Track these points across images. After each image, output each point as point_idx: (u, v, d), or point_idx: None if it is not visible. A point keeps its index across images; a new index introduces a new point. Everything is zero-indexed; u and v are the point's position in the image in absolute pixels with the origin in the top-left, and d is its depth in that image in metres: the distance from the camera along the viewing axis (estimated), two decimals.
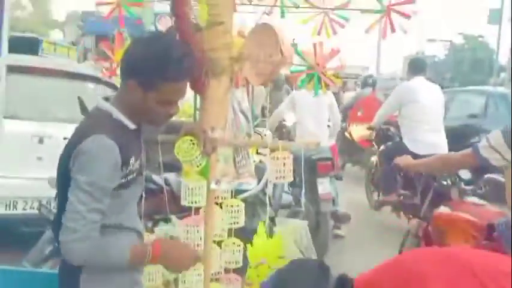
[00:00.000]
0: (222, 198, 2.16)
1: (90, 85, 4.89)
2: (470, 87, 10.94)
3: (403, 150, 4.56)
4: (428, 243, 3.25)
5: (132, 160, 1.64)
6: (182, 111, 6.20)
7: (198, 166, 1.82)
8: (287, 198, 4.72)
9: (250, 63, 1.87)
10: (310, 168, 4.23)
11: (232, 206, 2.12)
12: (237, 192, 2.28)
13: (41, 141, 4.35)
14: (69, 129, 4.02)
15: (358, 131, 7.35)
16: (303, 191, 2.75)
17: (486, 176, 3.66)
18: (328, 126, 5.24)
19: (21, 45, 4.89)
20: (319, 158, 4.56)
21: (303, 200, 3.27)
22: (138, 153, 1.70)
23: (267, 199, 2.29)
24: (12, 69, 2.55)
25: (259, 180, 3.13)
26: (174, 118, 1.77)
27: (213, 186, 1.87)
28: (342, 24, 2.02)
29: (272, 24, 1.89)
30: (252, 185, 1.97)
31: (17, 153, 4.19)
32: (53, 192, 3.68)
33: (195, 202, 1.95)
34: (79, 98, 3.79)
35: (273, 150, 1.87)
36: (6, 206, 4.25)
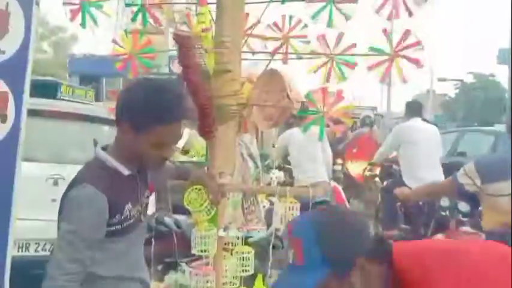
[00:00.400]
0: (232, 244, 2.11)
1: (106, 127, 4.95)
2: (480, 127, 10.96)
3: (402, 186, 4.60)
4: None
5: (128, 206, 1.60)
6: (195, 151, 6.24)
7: (207, 215, 1.80)
8: None
9: (258, 108, 1.89)
10: None
11: (242, 252, 2.07)
12: (248, 235, 2.25)
13: (55, 183, 4.37)
14: None
15: (354, 167, 7.74)
16: None
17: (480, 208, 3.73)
18: None
19: (41, 89, 5.00)
20: (316, 202, 4.40)
21: None
22: (135, 199, 1.66)
23: (279, 242, 2.25)
24: (29, 112, 2.61)
25: (271, 225, 3.09)
26: (186, 158, 1.77)
27: (221, 233, 1.84)
28: (352, 66, 2.04)
29: (279, 70, 1.92)
30: (261, 232, 1.93)
31: (32, 195, 4.21)
32: None
33: (205, 251, 1.92)
34: (94, 140, 3.84)
35: (282, 196, 1.85)
36: (18, 247, 4.25)
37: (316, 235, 1.13)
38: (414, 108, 5.63)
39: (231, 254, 2.11)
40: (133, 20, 2.36)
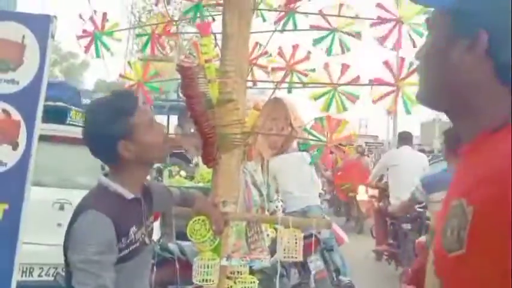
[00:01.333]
0: (237, 272, 2.07)
1: None
2: None
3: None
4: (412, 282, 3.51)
5: (132, 229, 1.60)
6: (200, 177, 6.21)
7: (210, 245, 1.79)
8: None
9: (263, 136, 1.90)
10: None
11: (245, 282, 2.03)
12: (251, 264, 2.21)
13: (62, 208, 4.37)
14: None
15: (341, 189, 9.90)
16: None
17: None
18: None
19: (50, 114, 5.05)
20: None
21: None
22: (139, 223, 1.66)
23: (283, 271, 2.22)
24: (38, 138, 2.66)
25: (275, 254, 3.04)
26: (192, 184, 1.78)
27: (223, 262, 1.82)
28: (353, 99, 2.06)
29: (283, 98, 1.93)
30: (264, 262, 1.88)
31: (38, 219, 4.20)
32: None
33: (207, 281, 1.88)
34: (102, 165, 3.84)
35: (286, 226, 1.83)
36: (22, 272, 4.21)
37: None
38: (404, 138, 6.63)
39: (235, 283, 2.07)
40: (143, 50, 2.40)
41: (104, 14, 2.59)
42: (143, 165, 1.68)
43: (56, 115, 5.24)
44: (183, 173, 5.86)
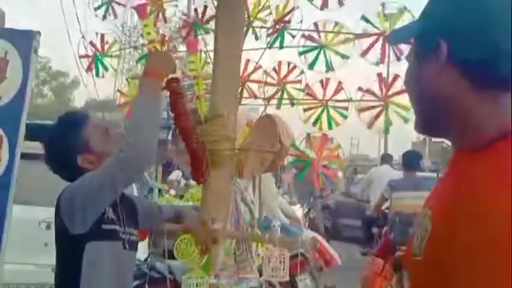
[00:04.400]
0: None
1: None
2: None
3: None
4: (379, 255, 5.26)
5: (108, 209, 1.62)
6: (190, 196, 6.16)
7: (199, 263, 1.73)
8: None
9: (254, 153, 1.86)
10: None
11: None
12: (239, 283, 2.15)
13: (48, 227, 4.27)
14: None
15: None
16: None
17: None
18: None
19: (38, 132, 4.98)
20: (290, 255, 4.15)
21: None
22: (114, 211, 1.68)
23: None
24: (25, 156, 2.60)
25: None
26: (182, 203, 1.75)
27: (211, 280, 1.75)
28: (338, 121, 2.01)
29: (274, 115, 1.89)
30: (253, 282, 1.81)
31: (24, 238, 4.10)
32: None
33: None
34: None
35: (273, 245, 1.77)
36: None
37: None
38: (384, 158, 8.92)
39: None
40: (138, 62, 2.40)
41: (103, 36, 2.65)
42: None
43: (43, 133, 5.18)
44: (172, 191, 5.80)
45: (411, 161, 5.59)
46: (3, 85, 2.31)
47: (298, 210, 6.50)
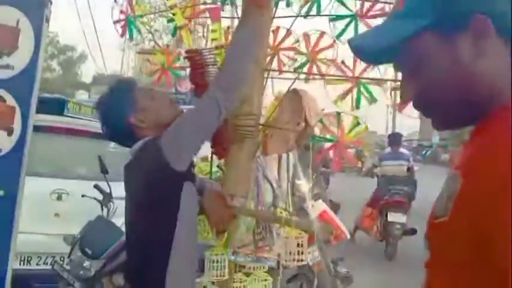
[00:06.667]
0: (252, 268, 1.89)
1: (110, 144, 4.84)
2: None
3: None
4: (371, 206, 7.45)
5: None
6: (198, 169, 6.09)
7: (221, 240, 1.66)
8: None
9: (278, 130, 1.76)
10: None
11: (259, 278, 1.84)
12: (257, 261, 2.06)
13: (59, 198, 4.25)
14: (87, 187, 3.94)
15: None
16: None
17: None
18: None
19: (48, 106, 4.91)
20: None
21: None
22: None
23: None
24: (35, 128, 2.55)
25: None
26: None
27: (230, 257, 1.69)
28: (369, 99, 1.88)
29: (302, 91, 1.78)
30: (270, 262, 1.74)
31: (35, 209, 4.08)
32: (67, 249, 3.55)
33: (218, 275, 1.76)
34: (99, 157, 3.73)
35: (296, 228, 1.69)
36: (20, 261, 4.09)
37: None
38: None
39: (247, 277, 1.91)
40: (174, 34, 2.29)
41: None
42: (161, 128, 1.67)
43: (53, 106, 5.10)
44: None
45: (394, 140, 7.84)
46: (15, 55, 2.22)
47: (304, 184, 6.34)
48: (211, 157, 2.08)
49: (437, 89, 0.78)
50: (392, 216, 6.70)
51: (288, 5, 1.80)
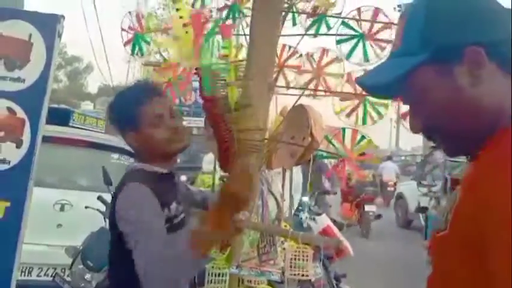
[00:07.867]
0: (254, 282, 1.87)
1: (114, 155, 4.85)
2: None
3: None
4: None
5: (173, 205, 1.53)
6: (201, 182, 6.07)
7: (223, 254, 1.66)
8: None
9: (284, 144, 1.76)
10: None
11: None
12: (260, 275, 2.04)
13: (62, 209, 4.24)
14: (91, 198, 3.91)
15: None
16: None
17: None
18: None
19: (53, 116, 4.95)
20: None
21: None
22: (178, 198, 1.60)
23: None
24: (42, 139, 2.58)
25: None
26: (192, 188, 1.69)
27: (233, 270, 1.68)
28: (374, 118, 1.88)
29: (308, 106, 1.78)
30: (274, 276, 1.72)
31: (38, 219, 4.06)
32: (68, 261, 3.53)
33: None
34: (103, 168, 3.73)
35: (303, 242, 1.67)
36: (21, 271, 4.06)
37: (423, 11, 0.83)
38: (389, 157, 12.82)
39: None
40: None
41: (138, 15, 2.52)
42: (156, 157, 1.59)
43: (58, 117, 5.12)
44: (183, 177, 5.74)
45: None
46: (27, 68, 2.26)
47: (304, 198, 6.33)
48: (214, 169, 2.08)
49: (441, 119, 0.81)
50: (367, 207, 10.00)
51: (295, 24, 1.83)
